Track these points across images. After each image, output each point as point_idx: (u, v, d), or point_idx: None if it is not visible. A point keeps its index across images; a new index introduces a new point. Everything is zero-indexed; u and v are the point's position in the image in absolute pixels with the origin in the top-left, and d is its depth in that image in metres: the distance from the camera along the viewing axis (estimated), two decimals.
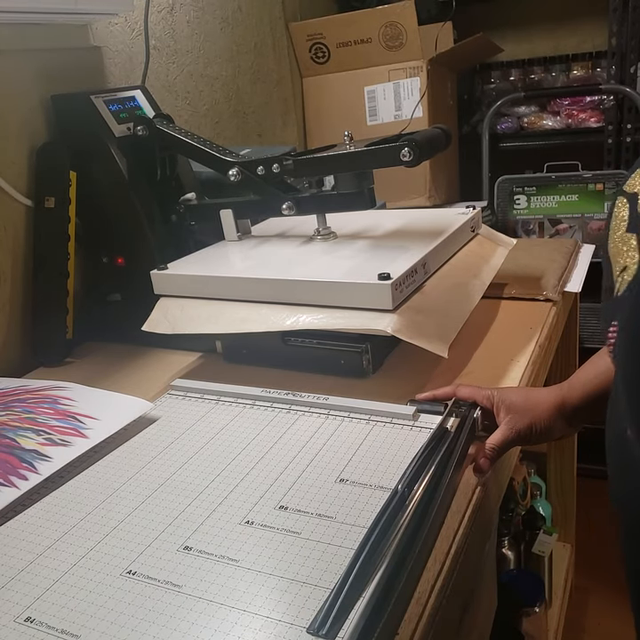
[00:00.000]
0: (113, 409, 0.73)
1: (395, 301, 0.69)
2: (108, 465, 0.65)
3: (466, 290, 0.81)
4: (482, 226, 0.95)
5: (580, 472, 1.47)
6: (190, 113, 1.31)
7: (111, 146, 0.91)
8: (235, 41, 1.44)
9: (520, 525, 1.34)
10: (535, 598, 1.22)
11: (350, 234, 0.89)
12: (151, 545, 0.53)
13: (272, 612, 0.45)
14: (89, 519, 0.57)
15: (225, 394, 0.76)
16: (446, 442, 0.60)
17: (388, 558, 0.47)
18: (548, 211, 1.87)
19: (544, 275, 1.00)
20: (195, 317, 0.79)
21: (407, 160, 0.75)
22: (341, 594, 0.44)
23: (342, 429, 0.66)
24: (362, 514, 0.54)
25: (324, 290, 0.72)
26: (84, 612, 0.47)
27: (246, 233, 0.96)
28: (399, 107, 1.61)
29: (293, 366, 0.81)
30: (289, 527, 0.53)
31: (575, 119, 1.91)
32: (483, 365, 0.78)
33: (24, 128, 0.94)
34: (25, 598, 0.49)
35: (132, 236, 0.94)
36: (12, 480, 0.61)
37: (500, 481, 0.66)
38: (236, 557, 0.50)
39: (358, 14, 1.61)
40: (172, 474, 0.62)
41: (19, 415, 0.71)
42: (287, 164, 0.84)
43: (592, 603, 1.57)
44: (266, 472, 0.61)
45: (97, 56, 1.07)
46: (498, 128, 1.98)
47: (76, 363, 0.94)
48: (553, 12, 2.01)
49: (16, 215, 0.93)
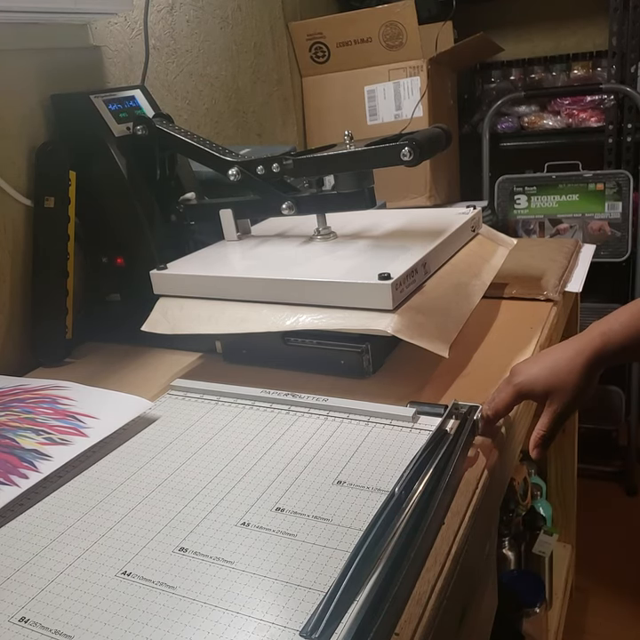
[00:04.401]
0: (112, 408, 0.73)
1: (395, 301, 0.69)
2: (106, 465, 0.65)
3: (466, 290, 0.81)
4: (482, 226, 0.95)
5: (580, 472, 1.47)
6: (190, 112, 1.31)
7: (111, 145, 0.91)
8: (234, 40, 1.44)
9: (520, 526, 1.34)
10: (535, 599, 1.22)
11: (350, 234, 0.89)
12: (147, 546, 0.53)
13: (266, 615, 0.45)
14: (85, 519, 0.57)
15: (225, 394, 0.76)
16: (445, 444, 0.59)
17: (383, 561, 0.47)
18: (548, 210, 1.87)
19: (544, 275, 0.99)
20: (194, 317, 0.79)
21: (407, 160, 0.75)
22: (335, 597, 0.44)
23: (341, 431, 0.66)
24: (358, 516, 0.53)
25: (324, 290, 0.72)
26: (77, 613, 0.47)
27: (246, 233, 0.95)
28: (399, 106, 1.61)
29: (293, 366, 0.81)
30: (285, 529, 0.53)
31: (575, 119, 1.90)
32: (483, 365, 0.78)
33: (24, 128, 0.94)
34: (20, 598, 0.49)
35: (131, 236, 0.94)
36: (13, 479, 0.60)
37: (500, 481, 0.66)
38: (231, 559, 0.50)
39: (358, 14, 1.61)
40: (170, 474, 0.62)
41: (18, 415, 0.71)
42: (287, 164, 0.84)
43: (592, 603, 1.57)
44: (264, 473, 0.60)
45: (96, 56, 1.07)
46: (498, 128, 1.97)
47: (76, 363, 0.94)
48: (553, 12, 2.01)
49: (16, 215, 0.93)
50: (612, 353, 0.61)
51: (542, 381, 0.62)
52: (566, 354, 0.62)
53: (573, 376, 0.61)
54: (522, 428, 0.74)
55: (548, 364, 0.63)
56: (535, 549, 1.31)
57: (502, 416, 0.64)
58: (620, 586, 1.61)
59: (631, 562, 1.67)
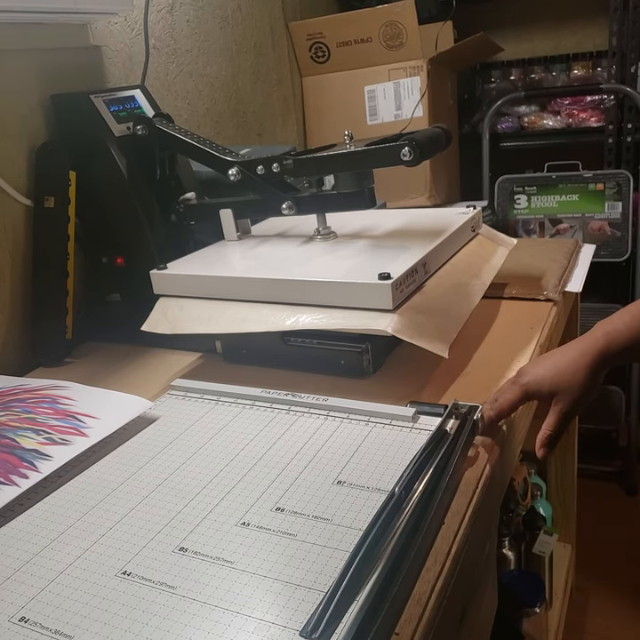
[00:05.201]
0: (112, 407, 0.73)
1: (395, 301, 0.69)
2: (107, 465, 0.65)
3: (466, 290, 0.81)
4: (482, 225, 0.95)
5: (580, 472, 1.47)
6: (190, 112, 1.31)
7: (111, 145, 0.91)
8: (234, 40, 1.44)
9: (520, 526, 1.34)
10: (535, 599, 1.22)
11: (350, 234, 0.89)
12: (147, 546, 0.53)
13: (266, 615, 0.45)
14: (85, 519, 0.57)
15: (225, 394, 0.76)
16: (445, 444, 0.59)
17: (383, 562, 0.47)
18: (548, 210, 1.87)
19: (544, 275, 0.99)
20: (194, 317, 0.79)
21: (407, 160, 0.75)
22: (335, 597, 0.44)
23: (341, 430, 0.66)
24: (358, 516, 0.53)
25: (324, 290, 0.72)
26: (78, 613, 0.47)
27: (246, 233, 0.95)
28: (399, 106, 1.61)
29: (293, 366, 0.81)
30: (285, 529, 0.53)
31: (575, 119, 1.90)
32: (483, 365, 0.78)
33: (24, 128, 0.94)
34: (20, 598, 0.49)
35: (131, 236, 0.94)
36: (13, 479, 0.60)
37: (500, 481, 0.66)
38: (231, 559, 0.50)
39: (358, 14, 1.61)
40: (170, 474, 0.62)
41: (18, 415, 0.71)
42: (287, 164, 0.84)
43: (592, 603, 1.57)
44: (264, 473, 0.60)
45: (97, 55, 1.07)
46: (498, 128, 1.97)
47: (76, 363, 0.94)
48: (553, 12, 2.01)
49: (16, 215, 0.93)
50: (616, 353, 0.62)
51: (548, 381, 0.62)
52: (571, 355, 0.63)
53: (579, 376, 0.61)
54: (522, 428, 0.74)
55: (554, 364, 0.63)
56: (535, 549, 1.31)
57: (506, 416, 0.64)
58: (619, 586, 1.61)
59: (631, 562, 1.67)
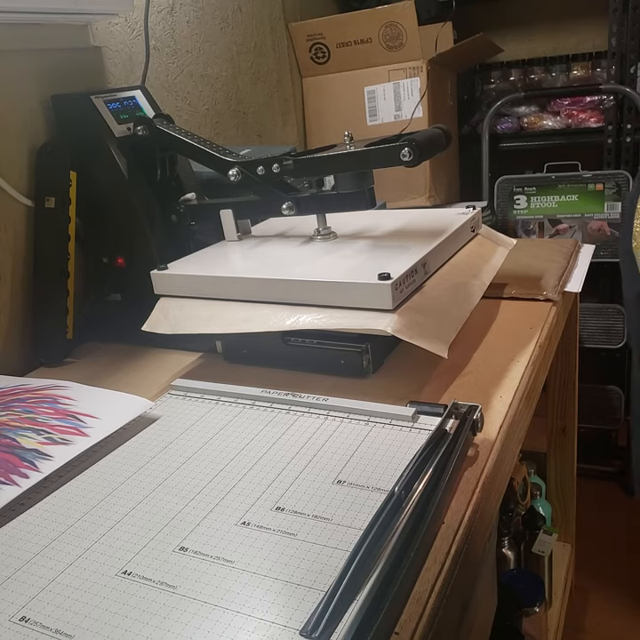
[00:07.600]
0: (113, 407, 0.73)
1: (395, 301, 0.69)
2: (107, 465, 0.65)
3: (466, 290, 0.81)
4: (482, 226, 0.95)
5: (580, 472, 1.47)
6: (190, 113, 1.31)
7: (111, 146, 0.91)
8: (235, 41, 1.44)
9: (520, 525, 1.34)
10: (535, 598, 1.22)
11: (350, 234, 0.89)
12: (147, 545, 0.53)
13: (266, 614, 0.45)
14: (86, 519, 0.57)
15: (225, 394, 0.76)
16: (445, 443, 0.60)
17: (382, 561, 0.47)
18: (547, 211, 1.87)
19: (544, 275, 1.00)
20: (195, 317, 0.79)
21: (407, 160, 0.75)
22: (335, 596, 0.44)
23: (341, 430, 0.66)
24: (358, 516, 0.53)
25: (324, 290, 0.72)
26: (78, 612, 0.47)
27: (246, 233, 0.96)
28: (399, 107, 1.61)
29: (293, 366, 0.81)
30: (285, 528, 0.53)
31: (575, 119, 1.91)
32: (483, 365, 0.78)
33: (24, 128, 0.94)
34: (20, 597, 0.49)
35: (131, 236, 0.94)
36: (14, 479, 0.60)
37: (499, 481, 0.66)
38: (231, 558, 0.50)
39: (358, 14, 1.61)
40: (171, 474, 0.62)
41: (19, 415, 0.71)
42: (287, 164, 0.84)
43: (592, 603, 1.57)
44: (264, 473, 0.61)
45: (97, 56, 1.07)
46: (498, 128, 1.97)
47: (76, 363, 0.94)
48: (553, 12, 2.01)
49: (16, 215, 0.94)
50: None
51: None
52: None
53: None
54: (522, 428, 0.74)
55: None
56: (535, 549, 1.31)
57: None
58: (619, 585, 1.61)
59: (631, 562, 1.67)
